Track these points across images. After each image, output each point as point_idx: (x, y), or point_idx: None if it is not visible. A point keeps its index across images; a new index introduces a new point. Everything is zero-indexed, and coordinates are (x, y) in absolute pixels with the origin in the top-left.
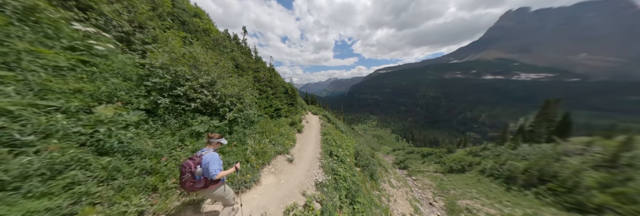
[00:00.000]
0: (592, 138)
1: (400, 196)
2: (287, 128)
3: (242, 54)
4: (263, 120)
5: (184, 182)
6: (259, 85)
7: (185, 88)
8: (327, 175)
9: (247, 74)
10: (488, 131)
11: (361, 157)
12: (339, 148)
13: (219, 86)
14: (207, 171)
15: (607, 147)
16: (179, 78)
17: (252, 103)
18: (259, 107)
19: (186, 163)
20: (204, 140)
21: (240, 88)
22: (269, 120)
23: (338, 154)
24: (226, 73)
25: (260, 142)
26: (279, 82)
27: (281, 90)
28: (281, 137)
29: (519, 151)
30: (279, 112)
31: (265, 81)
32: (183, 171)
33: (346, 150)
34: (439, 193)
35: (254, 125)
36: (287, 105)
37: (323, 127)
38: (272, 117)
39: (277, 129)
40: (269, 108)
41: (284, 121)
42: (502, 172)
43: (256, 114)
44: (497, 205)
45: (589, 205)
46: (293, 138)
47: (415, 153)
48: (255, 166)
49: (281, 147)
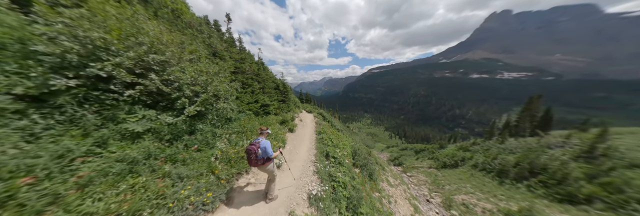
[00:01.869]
0: (570, 132)
1: (399, 195)
2: (276, 127)
3: (224, 42)
4: (245, 117)
5: (250, 160)
6: (243, 77)
7: (108, 67)
8: (323, 183)
9: (226, 63)
10: (475, 127)
11: (359, 156)
12: (336, 148)
13: (174, 70)
14: (265, 153)
15: (584, 139)
16: (98, 51)
17: (229, 96)
18: (240, 102)
19: (251, 148)
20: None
21: (211, 75)
22: (253, 117)
23: (335, 155)
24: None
25: (237, 144)
26: (269, 77)
27: (271, 85)
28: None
29: (507, 145)
30: (266, 108)
31: (250, 74)
32: (249, 153)
33: (343, 149)
34: (435, 189)
35: (231, 123)
36: (278, 102)
37: (318, 125)
38: (257, 114)
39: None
40: (253, 104)
41: (273, 119)
42: (494, 166)
43: (235, 110)
44: (492, 199)
45: (579, 195)
46: (283, 138)
47: (408, 149)
48: (221, 179)
49: None
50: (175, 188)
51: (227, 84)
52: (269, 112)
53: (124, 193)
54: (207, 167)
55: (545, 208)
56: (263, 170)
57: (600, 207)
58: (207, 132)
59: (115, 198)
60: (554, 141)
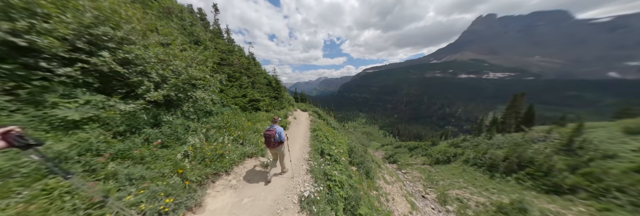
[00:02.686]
0: (550, 127)
1: (396, 192)
2: (267, 124)
3: (209, 32)
4: (228, 111)
5: (269, 143)
6: (230, 70)
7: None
8: (317, 183)
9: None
10: (464, 124)
11: (355, 154)
12: (331, 146)
13: (134, 48)
14: (280, 136)
15: (563, 134)
16: (11, 10)
17: (210, 86)
18: (225, 95)
19: (269, 133)
20: None
21: (186, 60)
22: (240, 112)
23: (331, 153)
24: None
25: (217, 140)
26: (261, 73)
27: (262, 81)
28: (255, 135)
29: (494, 140)
30: (256, 104)
31: (239, 67)
32: (269, 137)
33: (339, 147)
34: (429, 185)
35: (211, 117)
36: (269, 98)
37: (313, 123)
38: (245, 110)
39: (249, 124)
40: (240, 99)
41: (264, 116)
42: (485, 161)
43: (217, 103)
44: (484, 193)
45: (564, 186)
46: None
47: (402, 147)
48: (186, 181)
49: (253, 148)
50: (121, 192)
51: (208, 74)
52: (259, 108)
53: (27, 203)
54: (172, 167)
55: (534, 199)
56: (277, 151)
57: (584, 196)
58: (177, 125)
59: (11, 210)
60: (537, 136)
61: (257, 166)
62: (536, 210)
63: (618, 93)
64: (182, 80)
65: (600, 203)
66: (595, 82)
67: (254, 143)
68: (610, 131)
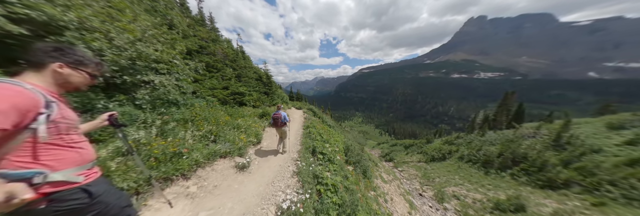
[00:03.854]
0: (539, 123)
1: (394, 191)
2: (252, 120)
3: (189, 18)
4: (201, 103)
5: (277, 123)
6: (211, 59)
7: None
8: (304, 188)
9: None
10: (456, 122)
11: (352, 152)
12: (325, 144)
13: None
14: (285, 119)
15: (551, 130)
16: None
17: (176, 72)
18: (200, 85)
19: (277, 116)
20: None
21: (135, 34)
22: (218, 105)
23: (324, 151)
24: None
25: (177, 136)
26: (250, 67)
27: (251, 75)
28: (234, 131)
29: (487, 137)
30: (240, 98)
31: (222, 57)
32: (276, 118)
33: (335, 145)
34: (426, 183)
35: (174, 108)
36: (258, 93)
37: (307, 120)
38: (225, 103)
39: (227, 118)
40: (220, 91)
41: (250, 111)
42: (479, 157)
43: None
44: (480, 189)
45: (558, 181)
46: (257, 132)
47: (398, 145)
48: None
49: (229, 146)
50: None
51: (177, 59)
52: (244, 103)
53: None
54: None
55: (530, 194)
56: (282, 130)
57: (578, 191)
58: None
59: None
60: (527, 132)
61: (231, 169)
62: (533, 206)
63: (597, 92)
64: (128, 58)
65: (594, 197)
66: (577, 82)
67: (230, 140)
68: (595, 127)
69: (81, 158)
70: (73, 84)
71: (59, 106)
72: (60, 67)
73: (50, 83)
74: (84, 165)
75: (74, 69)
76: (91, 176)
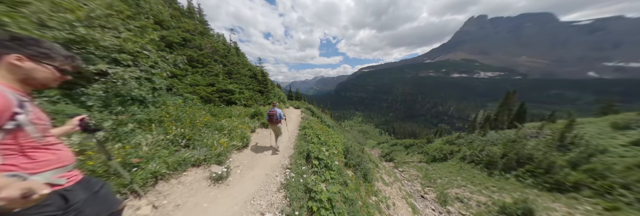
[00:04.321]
0: (542, 123)
1: (395, 195)
2: (240, 121)
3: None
4: (176, 101)
5: (273, 120)
6: (196, 53)
7: None
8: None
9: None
10: (456, 122)
11: (352, 154)
12: (322, 147)
13: None
14: (281, 116)
15: (554, 130)
16: None
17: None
18: (178, 81)
19: (272, 112)
20: None
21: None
22: (200, 104)
23: (320, 156)
24: None
25: (132, 140)
26: (244, 64)
27: (245, 72)
28: (215, 134)
29: (488, 137)
30: (228, 96)
31: (210, 51)
32: (272, 115)
33: (333, 147)
34: (427, 184)
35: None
36: (250, 91)
37: (304, 120)
38: (209, 102)
39: (207, 119)
40: (203, 88)
41: (241, 111)
42: (482, 158)
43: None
44: (484, 192)
45: (567, 183)
46: (243, 135)
47: (398, 145)
48: None
49: (204, 152)
50: None
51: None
52: (233, 101)
53: None
54: None
55: (537, 198)
56: (277, 127)
57: (588, 194)
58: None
59: None
60: (530, 132)
61: (203, 181)
62: (541, 210)
63: (596, 92)
64: (63, 40)
65: (607, 201)
66: (576, 81)
67: (207, 145)
68: (599, 127)
69: (59, 160)
70: (38, 80)
71: (32, 106)
72: (19, 59)
73: (10, 79)
74: (64, 166)
75: (38, 63)
76: (73, 179)
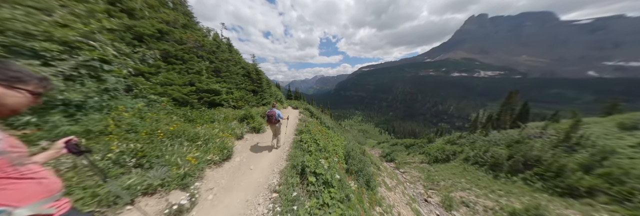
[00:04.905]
0: (546, 123)
1: (399, 201)
2: (223, 126)
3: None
4: (132, 105)
5: (271, 120)
6: (174, 48)
7: None
8: None
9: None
10: (456, 121)
11: (353, 159)
12: (320, 154)
13: None
14: (280, 116)
15: (558, 130)
16: None
17: (90, 57)
18: (143, 80)
19: (271, 113)
20: None
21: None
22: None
23: (319, 170)
24: None
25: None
26: (236, 61)
27: (237, 70)
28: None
29: (490, 137)
30: (212, 97)
31: (193, 46)
32: (270, 116)
33: (334, 152)
34: (430, 186)
35: (55, 115)
36: (243, 91)
37: (301, 122)
38: (185, 104)
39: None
40: (179, 87)
41: (229, 114)
42: (487, 159)
43: (113, 89)
44: (491, 195)
45: (580, 188)
46: (223, 146)
47: (399, 145)
48: None
49: (163, 173)
50: None
51: (101, 39)
52: (219, 103)
53: None
54: None
55: (548, 203)
56: (276, 127)
57: (604, 200)
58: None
59: None
60: (534, 132)
61: None
62: None
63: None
64: None
65: (626, 209)
66: (576, 81)
67: (170, 163)
68: (605, 127)
69: (46, 189)
70: (9, 106)
71: (2, 133)
72: None
73: None
74: (51, 196)
75: (9, 88)
76: (63, 207)
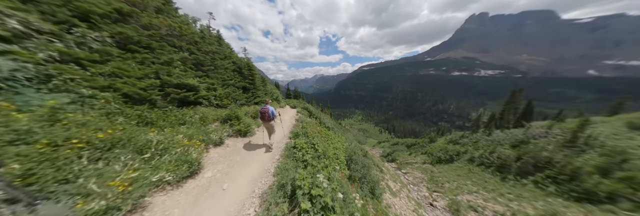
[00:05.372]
0: (551, 122)
1: (405, 207)
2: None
3: None
4: (39, 101)
5: (264, 117)
6: (136, 33)
7: None
8: None
9: None
10: (456, 120)
11: (356, 163)
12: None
13: None
14: (273, 114)
15: (564, 129)
16: None
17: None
18: (72, 66)
19: (264, 110)
20: None
21: None
22: (121, 107)
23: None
24: None
25: None
26: (227, 55)
27: (226, 65)
28: (118, 161)
29: (494, 137)
30: (187, 93)
31: (165, 33)
32: (264, 113)
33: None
34: (434, 188)
35: None
36: (230, 88)
37: (298, 123)
38: (141, 102)
39: (120, 131)
40: (136, 81)
41: (208, 114)
42: (493, 160)
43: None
44: (500, 199)
45: (600, 193)
46: (187, 159)
47: (399, 144)
48: None
49: (65, 208)
50: None
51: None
52: (197, 101)
53: None
54: None
55: (564, 209)
56: (270, 125)
57: (628, 207)
58: None
59: None
60: (539, 131)
61: None
62: None
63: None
64: None
65: None
66: (576, 80)
67: (80, 192)
68: (614, 126)
69: None
70: None
71: None
72: None
73: None
74: None
75: None
76: None
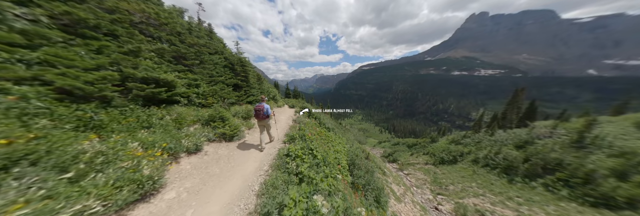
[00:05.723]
0: (556, 122)
1: (411, 214)
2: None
3: None
4: None
5: (259, 115)
6: (91, 16)
7: None
8: None
9: None
10: (456, 120)
11: (359, 168)
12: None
13: None
14: (268, 112)
15: (569, 129)
16: None
17: None
18: None
19: (259, 107)
20: None
21: None
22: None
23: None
24: None
25: None
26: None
27: (216, 60)
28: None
29: (497, 137)
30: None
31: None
32: (259, 110)
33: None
34: (438, 190)
35: None
36: (219, 85)
37: (295, 124)
38: (88, 100)
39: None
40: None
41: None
42: (499, 162)
43: None
44: (508, 203)
45: (619, 198)
46: (133, 177)
47: (400, 144)
48: None
49: None
50: None
51: None
52: (172, 100)
53: None
54: None
55: (579, 214)
56: (265, 123)
57: None
58: None
59: None
60: (543, 131)
61: None
62: None
63: (595, 90)
64: None
65: None
66: (576, 79)
67: None
68: (621, 126)
69: None
70: None
71: None
72: None
73: None
74: None
75: None
76: None
